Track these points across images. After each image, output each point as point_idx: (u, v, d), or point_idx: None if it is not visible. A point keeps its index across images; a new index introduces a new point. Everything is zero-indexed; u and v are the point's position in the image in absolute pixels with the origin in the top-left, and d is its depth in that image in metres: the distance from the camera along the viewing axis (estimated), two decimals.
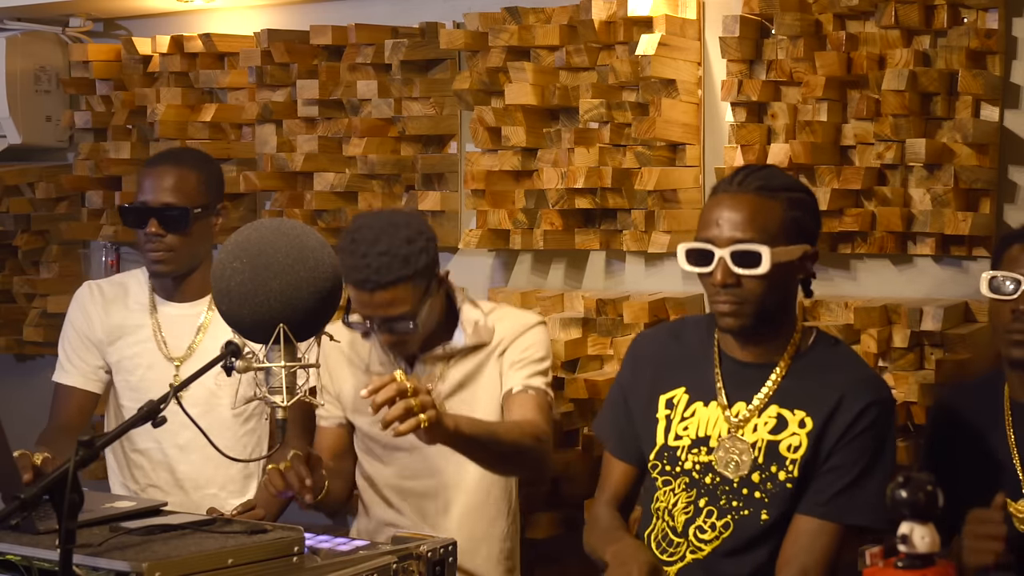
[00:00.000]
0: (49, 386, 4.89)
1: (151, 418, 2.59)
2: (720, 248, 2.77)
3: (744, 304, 2.78)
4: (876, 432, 2.80)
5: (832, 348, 2.92)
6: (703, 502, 2.87)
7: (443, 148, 4.19)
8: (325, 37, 4.26)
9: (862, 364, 2.95)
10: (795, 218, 2.81)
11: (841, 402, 2.79)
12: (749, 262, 2.75)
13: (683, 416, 2.92)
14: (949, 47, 3.38)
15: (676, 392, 2.95)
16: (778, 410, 2.83)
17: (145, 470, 3.69)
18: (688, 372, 2.94)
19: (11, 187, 4.89)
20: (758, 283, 2.77)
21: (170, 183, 3.58)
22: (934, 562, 2.06)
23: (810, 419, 2.81)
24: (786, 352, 2.87)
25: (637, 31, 3.70)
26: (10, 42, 4.76)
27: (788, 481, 2.81)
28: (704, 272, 2.80)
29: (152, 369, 3.63)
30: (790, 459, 2.81)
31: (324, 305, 2.78)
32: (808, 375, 2.85)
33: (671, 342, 3.01)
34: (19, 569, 2.48)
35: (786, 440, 2.82)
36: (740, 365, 2.89)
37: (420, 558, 2.65)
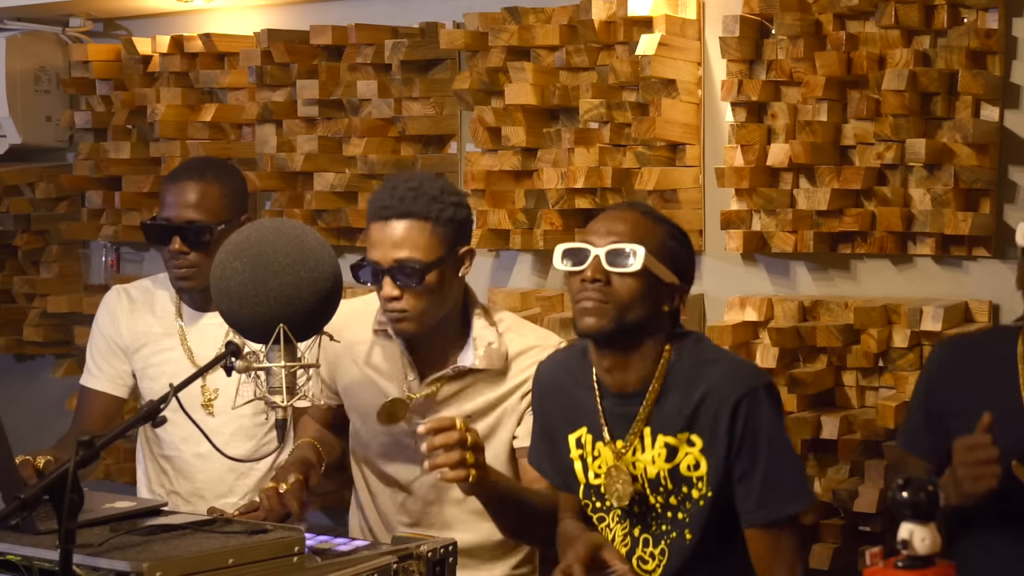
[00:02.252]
0: (49, 385, 4.93)
1: (151, 418, 2.59)
2: (597, 248, 2.81)
3: (608, 303, 2.78)
4: (758, 421, 2.78)
5: (691, 354, 2.86)
6: (637, 531, 2.88)
7: (443, 148, 4.19)
8: (325, 37, 4.26)
9: (721, 359, 2.89)
10: (672, 247, 2.85)
11: (717, 410, 2.78)
12: (622, 261, 2.78)
13: (594, 455, 2.91)
14: (949, 47, 3.38)
15: (580, 432, 2.94)
16: (663, 438, 2.83)
17: (169, 477, 3.67)
18: (583, 410, 2.93)
19: (11, 187, 4.89)
20: (627, 285, 2.78)
21: (193, 199, 3.50)
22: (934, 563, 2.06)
23: (696, 436, 2.80)
24: (653, 379, 2.84)
25: (637, 31, 3.70)
26: (10, 42, 4.76)
27: (701, 499, 2.81)
28: (576, 270, 2.82)
29: (176, 377, 3.55)
30: (695, 477, 2.81)
31: (324, 305, 2.78)
32: (676, 393, 2.83)
33: (567, 377, 2.99)
34: (19, 569, 2.48)
35: (683, 462, 2.81)
36: (616, 397, 2.88)
37: (420, 558, 2.65)
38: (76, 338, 4.71)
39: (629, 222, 2.84)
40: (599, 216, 2.92)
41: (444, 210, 3.08)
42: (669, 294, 2.85)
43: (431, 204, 3.06)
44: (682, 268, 2.87)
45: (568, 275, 2.87)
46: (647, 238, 2.81)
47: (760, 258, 3.72)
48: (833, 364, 3.51)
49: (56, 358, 4.98)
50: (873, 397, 3.48)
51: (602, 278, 2.79)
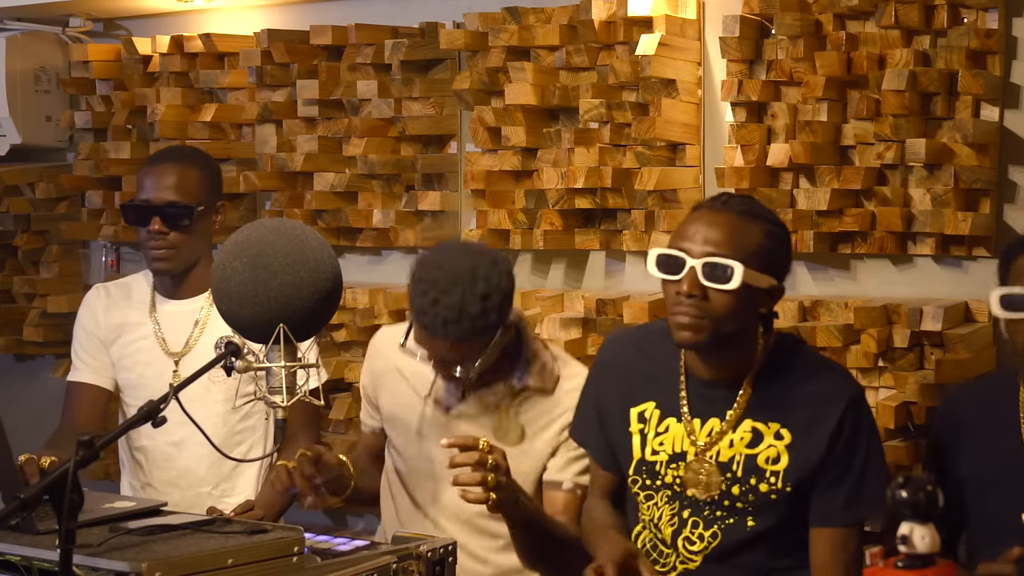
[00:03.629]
0: (49, 385, 4.93)
1: (151, 418, 2.59)
2: (693, 258, 2.74)
3: (705, 319, 2.74)
4: (860, 428, 2.80)
5: (795, 354, 2.88)
6: (687, 513, 2.87)
7: (443, 148, 4.19)
8: (325, 37, 4.26)
9: (827, 365, 2.92)
10: (770, 248, 2.78)
11: (819, 411, 2.78)
12: (719, 277, 2.72)
13: (657, 431, 2.90)
14: (949, 47, 3.38)
15: (647, 406, 2.92)
16: (752, 424, 2.82)
17: (144, 468, 3.70)
18: (656, 387, 2.92)
19: (11, 187, 4.89)
20: (724, 300, 2.73)
21: (172, 181, 3.58)
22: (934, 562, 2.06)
23: (786, 431, 2.80)
24: (749, 374, 2.84)
25: (637, 31, 3.70)
26: (10, 42, 4.76)
27: (772, 493, 2.80)
28: (672, 279, 2.76)
29: (150, 366, 3.64)
30: (770, 471, 2.80)
31: (324, 305, 2.78)
32: (777, 386, 2.83)
33: (638, 355, 2.97)
34: (19, 569, 2.48)
35: (763, 453, 2.81)
36: (704, 384, 2.86)
37: (420, 558, 2.65)
38: None
39: (726, 229, 2.75)
40: (694, 215, 2.83)
41: (488, 320, 3.00)
42: (767, 297, 2.81)
43: (474, 324, 2.99)
44: (780, 268, 2.83)
45: (663, 282, 2.81)
46: (746, 245, 2.74)
47: None
48: None
49: (56, 358, 4.97)
50: (873, 397, 3.47)
51: (698, 293, 2.73)
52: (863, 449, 2.79)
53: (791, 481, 2.79)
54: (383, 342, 3.36)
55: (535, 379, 3.17)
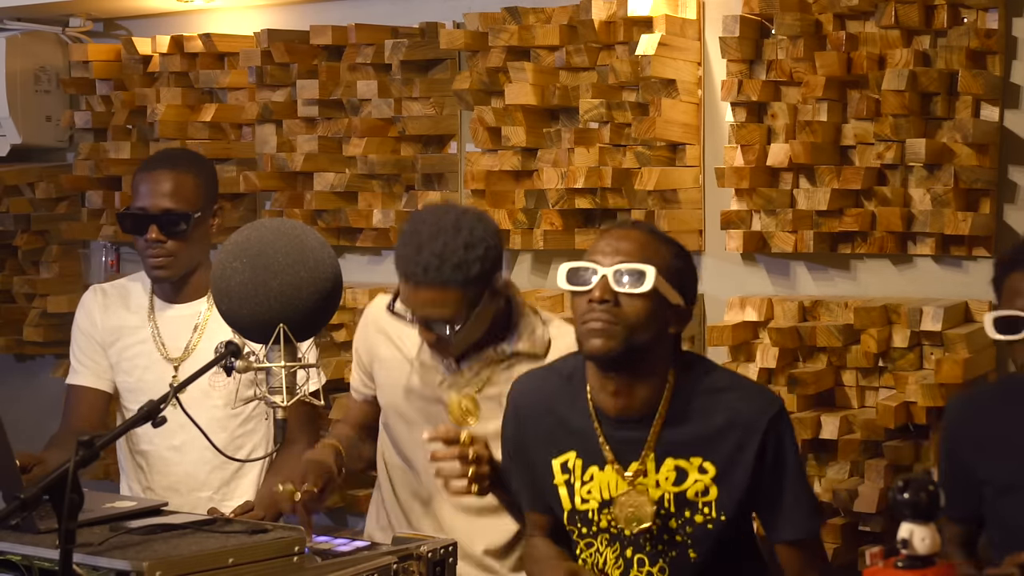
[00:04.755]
0: (49, 385, 4.93)
1: (151, 418, 2.59)
2: (604, 267, 2.70)
3: (617, 325, 2.68)
4: (783, 450, 2.76)
5: (703, 380, 2.80)
6: (630, 552, 2.83)
7: (443, 148, 4.20)
8: (325, 37, 4.26)
9: (737, 387, 2.83)
10: (679, 267, 2.76)
11: (741, 438, 2.74)
12: (632, 281, 2.68)
13: (583, 480, 2.85)
14: (949, 47, 3.38)
15: (568, 456, 2.87)
16: (673, 462, 2.78)
17: (145, 473, 3.69)
18: (572, 435, 2.85)
19: (11, 187, 4.89)
20: (636, 306, 2.68)
21: (168, 188, 3.54)
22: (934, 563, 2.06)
23: (709, 464, 2.76)
24: (661, 403, 2.77)
25: (637, 31, 3.70)
26: (10, 42, 4.76)
27: (708, 523, 2.78)
28: (583, 291, 2.71)
29: (149, 370, 3.62)
30: (703, 503, 2.77)
31: (324, 305, 2.77)
32: (691, 419, 2.77)
33: (548, 400, 2.90)
34: (19, 569, 2.48)
35: (691, 488, 2.77)
36: (618, 422, 2.79)
37: (420, 558, 2.65)
38: None
39: (636, 241, 2.74)
40: (603, 234, 2.83)
41: (470, 270, 3.01)
42: (675, 316, 2.75)
43: (455, 272, 2.99)
44: (687, 290, 2.78)
45: (573, 295, 2.76)
46: (655, 258, 2.71)
47: (760, 258, 3.72)
48: (833, 364, 3.51)
49: (56, 358, 4.97)
50: (873, 397, 3.48)
51: (610, 299, 2.68)
52: (791, 464, 2.77)
53: (724, 511, 2.77)
54: (377, 307, 3.35)
55: (525, 344, 3.16)
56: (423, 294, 3.02)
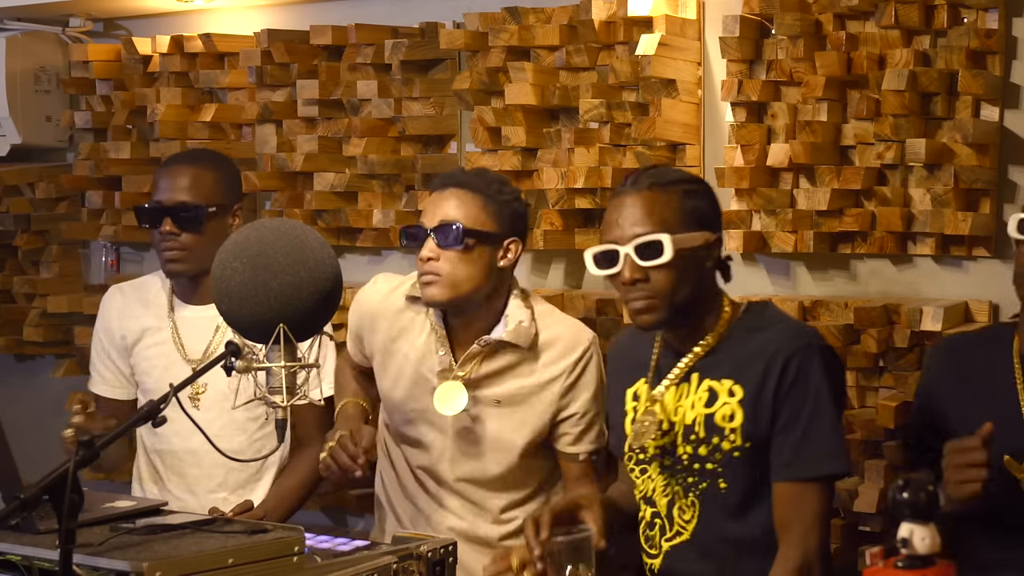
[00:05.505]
0: (49, 385, 4.94)
1: (151, 418, 2.59)
2: (623, 245, 2.81)
3: (655, 298, 2.82)
4: (807, 380, 2.80)
5: (756, 315, 2.93)
6: (675, 481, 2.91)
7: (443, 148, 4.19)
8: (325, 37, 4.26)
9: (783, 320, 2.96)
10: (693, 207, 2.86)
11: (768, 363, 2.81)
12: (652, 253, 2.79)
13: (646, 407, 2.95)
14: (949, 47, 3.38)
15: (638, 385, 3.00)
16: (708, 383, 2.87)
17: (161, 473, 3.68)
18: (644, 364, 2.99)
19: (11, 187, 4.89)
20: (665, 274, 2.81)
21: (185, 182, 3.57)
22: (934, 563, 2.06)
23: (739, 387, 2.83)
24: (713, 331, 2.90)
25: (637, 31, 3.70)
26: (10, 42, 4.76)
27: (735, 451, 2.83)
28: (613, 273, 2.85)
29: (168, 371, 3.60)
30: (728, 428, 2.84)
31: (324, 305, 2.78)
32: (733, 345, 2.88)
33: (631, 345, 3.07)
34: (19, 569, 2.48)
35: (719, 411, 2.85)
36: (673, 351, 2.94)
37: (420, 558, 2.65)
38: (76, 338, 4.71)
39: (644, 205, 2.83)
40: (612, 206, 2.90)
41: (501, 192, 3.20)
42: (707, 251, 2.87)
43: (489, 184, 3.20)
44: (710, 220, 2.89)
45: (608, 278, 2.89)
46: (666, 214, 2.82)
47: (760, 258, 3.72)
48: None
49: (56, 358, 4.98)
50: (873, 397, 3.48)
51: (640, 276, 2.81)
52: (810, 400, 2.80)
53: (747, 437, 2.82)
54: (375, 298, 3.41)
55: (509, 334, 3.23)
56: (448, 195, 3.19)
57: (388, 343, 3.35)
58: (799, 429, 2.80)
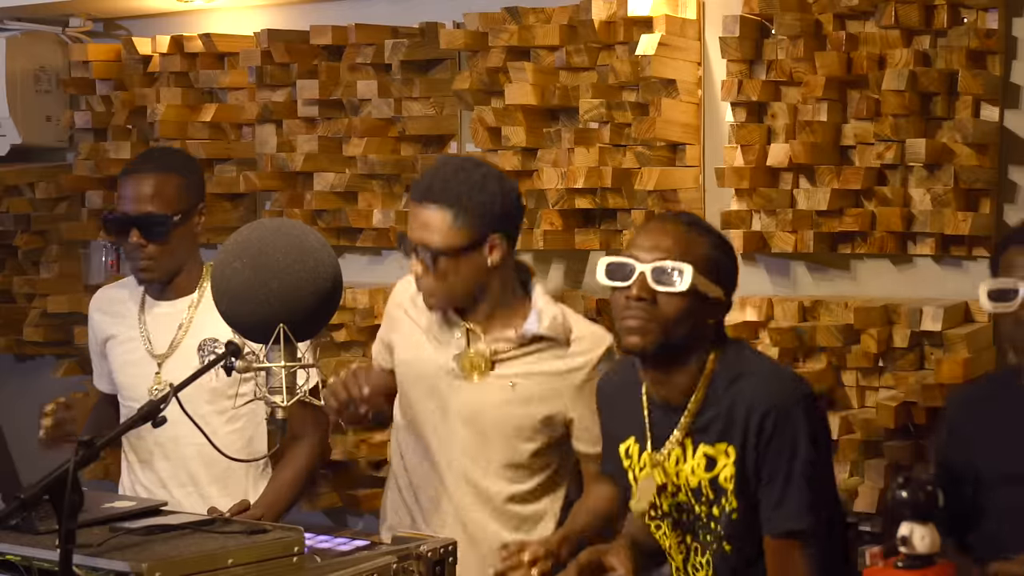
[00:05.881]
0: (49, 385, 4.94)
1: (150, 418, 2.59)
2: (642, 264, 2.77)
3: (653, 322, 2.75)
4: (783, 435, 2.75)
5: (732, 362, 2.84)
6: (689, 539, 2.89)
7: (443, 148, 4.19)
8: (325, 37, 4.26)
9: (757, 370, 2.85)
10: (718, 259, 2.81)
11: (746, 421, 2.76)
12: (669, 280, 2.74)
13: (639, 467, 2.92)
14: (949, 47, 3.38)
15: (628, 443, 2.95)
16: (704, 449, 2.82)
17: (135, 468, 3.71)
18: (631, 420, 2.94)
19: (11, 187, 4.89)
20: (673, 304, 2.75)
21: (148, 191, 3.55)
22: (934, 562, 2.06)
23: (732, 447, 2.79)
24: (696, 389, 2.82)
25: (637, 31, 3.70)
26: (10, 42, 4.76)
27: (732, 512, 2.80)
28: (621, 286, 2.78)
29: (136, 366, 3.65)
30: (729, 489, 2.80)
31: (324, 305, 2.78)
32: (716, 402, 2.81)
33: (618, 387, 3.01)
34: (19, 569, 2.48)
35: (721, 473, 2.80)
36: (661, 408, 2.88)
37: (420, 558, 2.65)
38: (76, 338, 4.71)
39: (674, 236, 2.79)
40: (643, 227, 2.89)
41: (471, 199, 3.15)
42: (714, 308, 2.82)
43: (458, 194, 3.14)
44: (727, 281, 2.84)
45: (612, 290, 2.82)
46: (693, 253, 2.77)
47: (760, 258, 3.72)
48: (833, 364, 3.51)
49: (56, 358, 4.98)
50: (873, 397, 3.48)
51: (648, 297, 2.75)
52: (786, 455, 2.75)
53: (739, 497, 2.79)
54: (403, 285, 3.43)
55: (547, 328, 3.23)
56: (425, 214, 3.16)
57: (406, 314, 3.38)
58: (777, 485, 2.76)
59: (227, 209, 4.51)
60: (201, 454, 3.49)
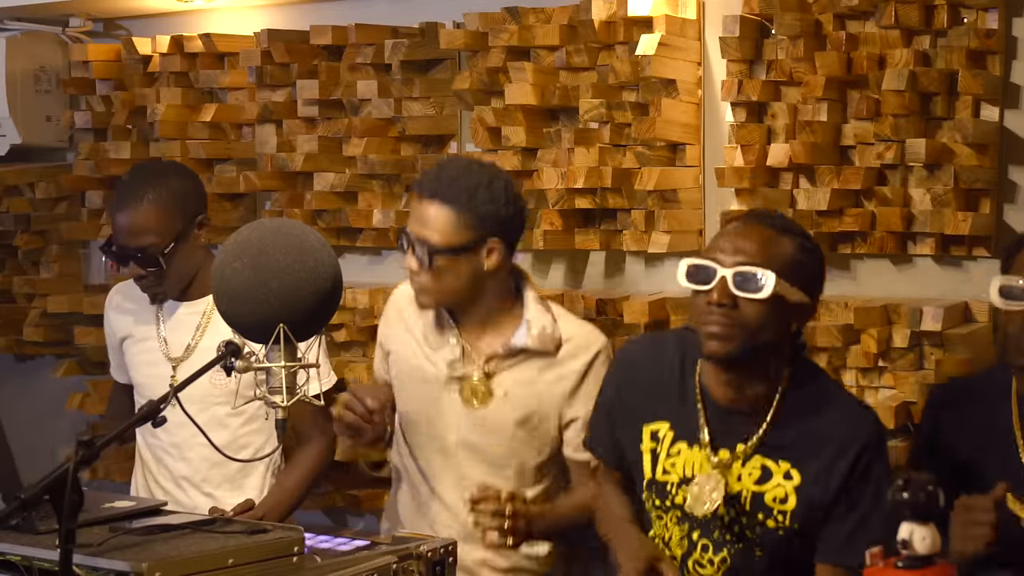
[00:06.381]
0: (49, 385, 4.94)
1: (151, 418, 2.60)
2: (724, 268, 2.71)
3: (735, 328, 2.70)
4: (873, 471, 2.75)
5: (810, 386, 2.82)
6: (696, 535, 2.86)
7: (443, 148, 4.19)
8: (325, 37, 4.26)
9: (842, 399, 2.86)
10: (803, 262, 2.75)
11: (836, 454, 2.73)
12: (751, 286, 2.68)
13: (669, 452, 2.87)
14: (949, 47, 3.38)
15: (661, 426, 2.89)
16: (762, 460, 2.79)
17: (150, 467, 3.73)
18: (670, 407, 2.88)
19: (11, 187, 4.89)
20: (755, 310, 2.69)
21: (140, 226, 3.54)
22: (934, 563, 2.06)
23: (796, 471, 2.76)
24: (774, 401, 2.79)
25: (637, 31, 3.70)
26: (10, 42, 4.76)
27: (779, 529, 2.78)
28: (702, 290, 2.72)
29: (153, 367, 3.67)
30: (778, 510, 2.77)
31: (324, 305, 2.78)
32: (792, 423, 2.78)
33: (653, 368, 2.94)
34: (19, 569, 2.48)
35: (771, 491, 2.78)
36: (724, 411, 2.82)
37: (420, 558, 2.65)
38: (76, 338, 4.71)
39: (758, 240, 2.73)
40: (726, 229, 2.83)
41: (474, 198, 3.15)
42: (798, 313, 2.77)
43: (462, 192, 3.14)
44: (811, 284, 2.78)
45: (693, 293, 2.75)
46: (776, 257, 2.71)
47: None
48: (833, 364, 3.51)
49: (56, 358, 4.98)
50: (873, 397, 3.48)
51: (729, 302, 2.69)
52: (872, 493, 2.74)
53: (798, 521, 2.77)
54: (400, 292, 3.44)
55: (534, 340, 3.22)
56: (425, 208, 3.15)
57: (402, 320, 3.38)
58: (857, 518, 2.73)
59: (227, 209, 4.51)
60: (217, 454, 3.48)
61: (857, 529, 2.74)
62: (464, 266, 3.18)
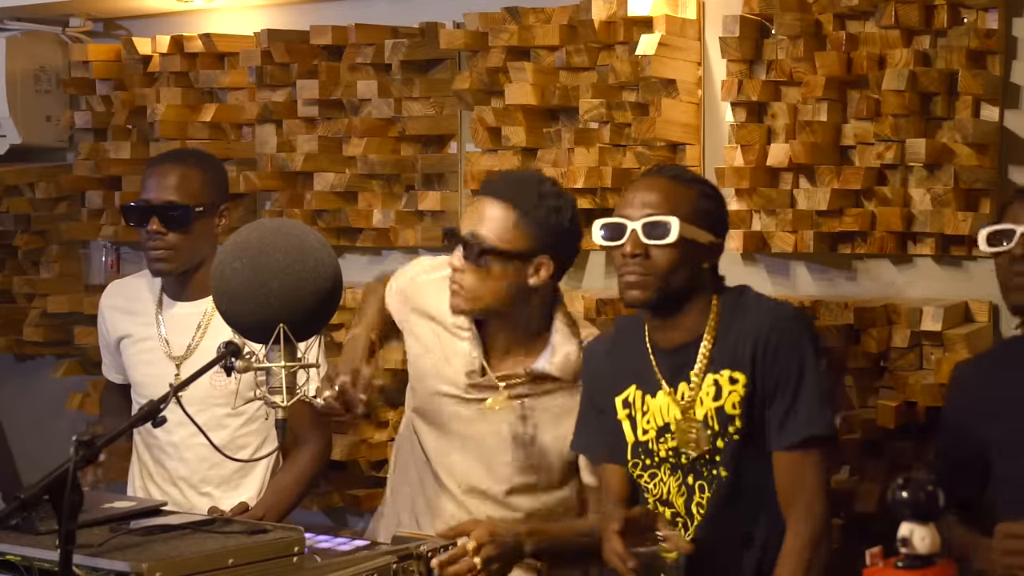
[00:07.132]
0: (49, 385, 4.94)
1: (151, 418, 2.60)
2: (633, 221, 2.90)
3: (650, 276, 2.89)
4: (790, 350, 2.88)
5: (735, 301, 2.98)
6: (691, 479, 2.95)
7: (443, 148, 4.20)
8: (325, 37, 4.26)
9: (765, 303, 3.00)
10: (705, 208, 2.95)
11: (755, 341, 2.89)
12: (659, 234, 2.88)
13: (643, 411, 3.00)
14: (949, 47, 3.38)
15: (629, 391, 3.03)
16: (712, 377, 2.92)
17: (148, 467, 3.72)
18: (632, 371, 3.03)
19: (11, 187, 4.89)
20: (666, 256, 2.89)
21: (172, 181, 3.60)
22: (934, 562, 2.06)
23: (738, 372, 2.90)
24: (707, 329, 2.94)
25: (637, 31, 3.70)
26: (10, 42, 4.76)
27: (736, 433, 2.90)
28: (616, 245, 2.92)
29: (154, 366, 3.66)
30: (736, 416, 2.90)
31: (324, 305, 2.78)
32: (726, 337, 2.93)
33: (612, 352, 3.09)
34: (19, 569, 2.48)
35: (727, 400, 2.90)
36: (671, 352, 2.98)
37: (420, 558, 2.66)
38: (76, 338, 4.71)
39: (661, 191, 2.93)
40: (631, 186, 3.04)
41: (539, 207, 3.12)
42: (707, 252, 2.95)
43: (528, 197, 3.11)
44: (717, 225, 2.98)
45: (609, 250, 2.98)
46: (680, 205, 2.91)
47: (760, 258, 3.72)
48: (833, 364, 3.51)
49: (56, 358, 4.98)
50: (873, 397, 3.48)
51: (641, 252, 2.90)
52: (795, 369, 2.87)
53: (746, 416, 2.89)
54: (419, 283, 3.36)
55: (556, 367, 3.18)
56: (482, 205, 3.13)
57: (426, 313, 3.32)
58: (788, 397, 2.87)
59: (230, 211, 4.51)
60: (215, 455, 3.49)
61: (791, 407, 2.87)
62: (511, 274, 3.12)
